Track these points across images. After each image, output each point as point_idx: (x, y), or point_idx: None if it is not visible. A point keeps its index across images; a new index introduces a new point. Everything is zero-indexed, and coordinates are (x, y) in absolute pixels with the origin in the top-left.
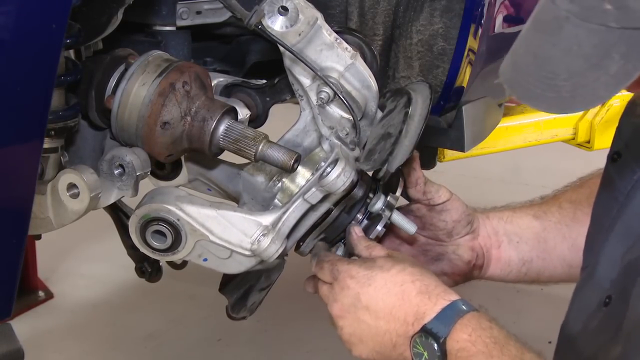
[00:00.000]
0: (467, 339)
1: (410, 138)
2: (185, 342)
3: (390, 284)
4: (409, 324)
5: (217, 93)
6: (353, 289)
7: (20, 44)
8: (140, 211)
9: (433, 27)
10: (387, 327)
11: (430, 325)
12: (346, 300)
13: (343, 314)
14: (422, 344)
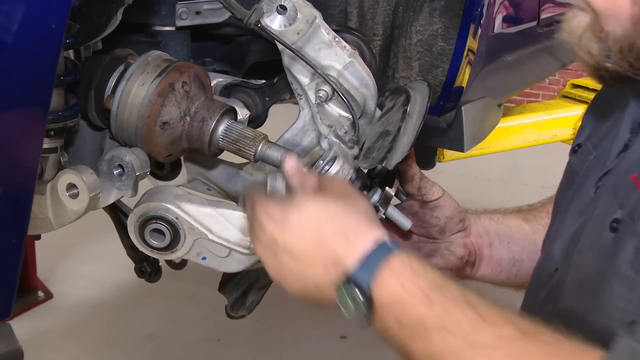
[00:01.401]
0: (398, 287)
1: (408, 136)
2: (185, 342)
3: (304, 223)
4: (330, 271)
5: (217, 93)
6: (269, 229)
7: (19, 44)
8: (139, 210)
9: (432, 27)
10: (309, 272)
11: (354, 274)
12: (265, 240)
13: (265, 254)
14: (347, 293)
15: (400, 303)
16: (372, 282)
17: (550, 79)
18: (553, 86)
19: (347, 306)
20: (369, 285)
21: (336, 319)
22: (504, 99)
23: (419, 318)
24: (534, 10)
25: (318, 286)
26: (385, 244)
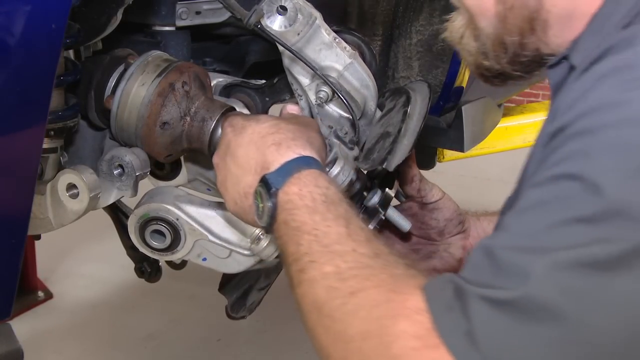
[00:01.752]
0: (297, 192)
1: (409, 137)
2: (185, 342)
3: (255, 134)
4: (257, 174)
5: (217, 93)
6: (227, 137)
7: (20, 44)
8: (139, 211)
9: (432, 27)
10: (242, 176)
11: (269, 176)
12: (221, 148)
13: (218, 162)
14: (259, 194)
15: (291, 205)
16: (280, 186)
17: None
18: None
19: (258, 207)
20: (277, 188)
21: None
22: (504, 99)
23: (300, 222)
24: None
25: (246, 194)
26: (307, 158)
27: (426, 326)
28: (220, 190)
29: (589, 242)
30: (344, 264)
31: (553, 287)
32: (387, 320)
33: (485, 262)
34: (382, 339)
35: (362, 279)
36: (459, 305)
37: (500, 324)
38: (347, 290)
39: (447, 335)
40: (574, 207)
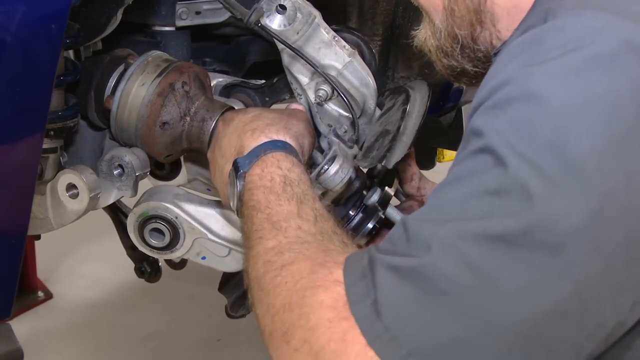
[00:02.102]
0: (258, 173)
1: (408, 135)
2: (185, 342)
3: (240, 123)
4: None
5: (217, 93)
6: (217, 130)
7: (19, 44)
8: (139, 209)
9: None
10: (224, 165)
11: (239, 159)
12: (212, 142)
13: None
14: (231, 178)
15: (252, 185)
16: (247, 169)
17: None
18: None
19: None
20: (244, 170)
21: None
22: None
23: (256, 201)
24: None
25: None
26: (277, 142)
27: (342, 297)
28: (214, 183)
29: (492, 214)
30: (285, 239)
31: (455, 258)
32: (308, 291)
33: (399, 234)
34: (302, 310)
35: (296, 253)
36: (370, 275)
37: (402, 292)
38: (280, 263)
39: (355, 305)
40: (483, 180)
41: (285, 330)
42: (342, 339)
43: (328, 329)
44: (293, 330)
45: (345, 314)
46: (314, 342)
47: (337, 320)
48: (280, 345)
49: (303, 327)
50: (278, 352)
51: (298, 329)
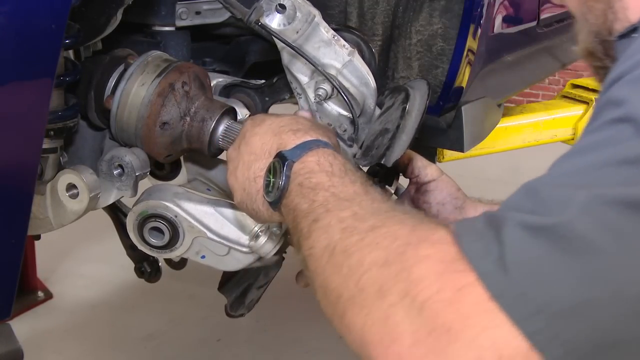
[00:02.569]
0: (314, 161)
1: (407, 133)
2: (185, 342)
3: (274, 124)
4: (271, 155)
5: (217, 93)
6: (245, 127)
7: (19, 44)
8: (138, 208)
9: (432, 28)
10: (253, 162)
11: (285, 151)
12: (237, 139)
13: (231, 152)
14: (272, 170)
15: (308, 170)
16: (297, 159)
17: (550, 79)
18: (553, 86)
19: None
20: (293, 160)
21: None
22: (504, 99)
23: (316, 182)
24: (534, 10)
25: (256, 177)
26: (324, 141)
27: (452, 253)
28: (230, 181)
29: (632, 182)
30: (361, 210)
31: (593, 220)
32: (410, 247)
33: (524, 197)
34: (403, 264)
35: (383, 218)
36: (492, 234)
37: (534, 249)
38: (365, 228)
39: (477, 261)
40: (621, 149)
41: (379, 287)
42: (457, 289)
43: (437, 280)
44: (390, 285)
45: (459, 267)
46: (418, 293)
47: (449, 273)
48: (369, 304)
49: (404, 280)
50: (364, 311)
51: (398, 282)
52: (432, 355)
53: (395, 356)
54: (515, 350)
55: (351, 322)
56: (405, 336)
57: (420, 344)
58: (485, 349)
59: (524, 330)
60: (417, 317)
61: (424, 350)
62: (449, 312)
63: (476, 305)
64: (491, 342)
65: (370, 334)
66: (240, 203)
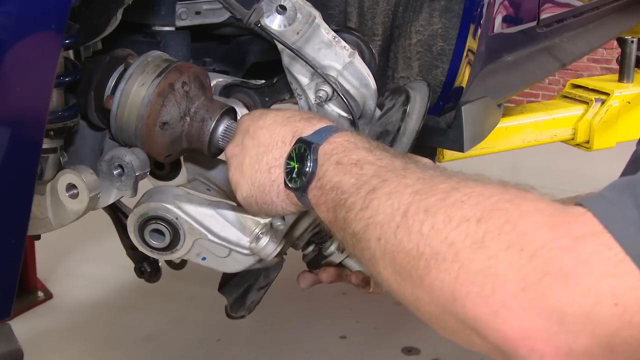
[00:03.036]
0: (345, 140)
1: (408, 135)
2: (185, 342)
3: (279, 117)
4: (286, 144)
5: (217, 93)
6: (244, 124)
7: (19, 44)
8: (139, 210)
9: (432, 28)
10: (264, 154)
11: (307, 137)
12: (238, 137)
13: (232, 149)
14: (295, 156)
15: (342, 148)
16: (323, 140)
17: (550, 79)
18: (553, 86)
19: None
20: (319, 142)
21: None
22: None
23: (357, 158)
24: (534, 10)
25: (270, 163)
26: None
27: (560, 208)
28: (234, 177)
29: None
30: (426, 175)
31: None
32: (510, 203)
33: None
34: (507, 217)
35: (458, 180)
36: (626, 198)
37: None
38: (444, 188)
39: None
40: None
41: (475, 240)
42: (574, 237)
43: (550, 231)
44: (489, 238)
45: (574, 219)
46: (527, 243)
47: (564, 224)
48: (462, 257)
49: (507, 232)
50: (456, 265)
51: (500, 235)
52: (544, 300)
53: (498, 304)
54: (636, 301)
55: (437, 279)
56: (510, 283)
57: (529, 289)
58: (603, 294)
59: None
60: (525, 264)
61: (533, 295)
62: (567, 257)
63: (598, 253)
64: (611, 288)
65: (464, 286)
66: (248, 198)
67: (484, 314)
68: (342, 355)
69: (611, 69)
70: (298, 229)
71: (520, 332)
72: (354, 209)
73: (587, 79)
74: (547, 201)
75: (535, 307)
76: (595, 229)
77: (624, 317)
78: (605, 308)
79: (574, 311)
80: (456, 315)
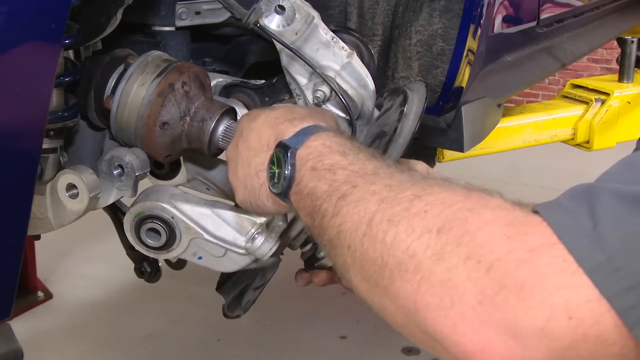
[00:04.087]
0: (320, 144)
1: (404, 137)
2: (185, 342)
3: (269, 118)
4: (270, 148)
5: (216, 93)
6: (241, 124)
7: (19, 44)
8: (135, 209)
9: (432, 28)
10: (253, 157)
11: (285, 140)
12: (235, 138)
13: (230, 151)
14: (275, 160)
15: (317, 153)
16: (299, 145)
17: (550, 79)
18: (553, 86)
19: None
20: (296, 147)
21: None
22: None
23: (331, 163)
24: (534, 10)
25: (258, 172)
26: (324, 126)
27: (519, 217)
28: (231, 180)
29: None
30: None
31: None
32: (471, 212)
33: (621, 168)
34: (466, 228)
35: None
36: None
37: (631, 220)
38: (407, 197)
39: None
40: None
41: (435, 252)
42: (530, 249)
43: (507, 242)
44: (449, 249)
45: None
46: (485, 255)
47: (520, 235)
48: (423, 268)
49: (466, 244)
50: (417, 277)
51: (459, 246)
52: (500, 313)
53: (457, 317)
54: (589, 314)
55: (400, 289)
56: (469, 296)
57: (486, 303)
58: (557, 307)
59: (615, 305)
60: (483, 277)
61: (490, 308)
62: (522, 270)
63: (553, 266)
64: (564, 301)
65: (425, 298)
66: (244, 201)
67: (443, 326)
68: (342, 355)
69: (611, 69)
70: (294, 229)
71: (477, 345)
72: (327, 216)
73: (587, 79)
74: (507, 208)
75: (492, 321)
76: (550, 239)
77: (578, 330)
78: (560, 322)
79: (528, 325)
80: (419, 326)
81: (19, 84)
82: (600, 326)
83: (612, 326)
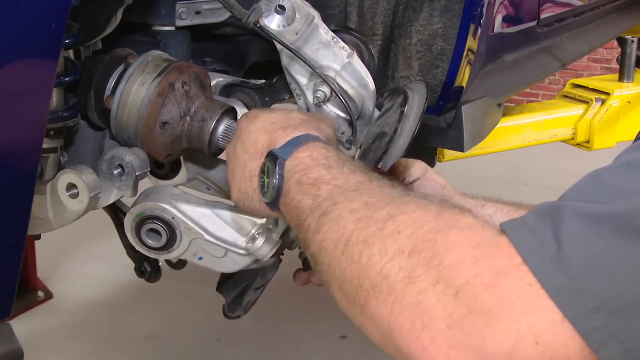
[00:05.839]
0: (307, 156)
1: (404, 137)
2: (185, 342)
3: (267, 121)
4: (263, 155)
5: (217, 93)
6: (240, 125)
7: (19, 44)
8: (135, 209)
9: (432, 27)
10: (248, 161)
11: (275, 150)
12: (234, 139)
13: (229, 151)
14: (266, 168)
15: (303, 166)
16: (287, 156)
17: (550, 79)
18: (553, 86)
19: (263, 184)
20: (284, 158)
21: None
22: (504, 99)
23: (315, 177)
24: (534, 10)
25: (251, 177)
26: (315, 136)
27: (487, 238)
28: (229, 180)
29: None
30: (373, 199)
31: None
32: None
33: (587, 185)
34: (435, 251)
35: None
36: (547, 227)
37: (594, 241)
38: (382, 216)
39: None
40: None
41: (407, 274)
42: (495, 272)
43: (474, 265)
44: (420, 272)
45: (497, 252)
46: (453, 278)
47: (487, 257)
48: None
49: (436, 266)
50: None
51: (429, 269)
52: (468, 338)
53: (427, 340)
54: (555, 338)
55: (375, 310)
56: (438, 320)
57: (455, 327)
58: (523, 332)
59: (579, 328)
60: (451, 301)
61: (458, 333)
62: (489, 295)
63: (518, 290)
64: (530, 326)
65: (398, 320)
66: (237, 202)
67: (416, 349)
68: (342, 355)
69: (611, 69)
70: (293, 230)
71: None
72: (310, 231)
73: (587, 78)
74: (477, 228)
75: (460, 346)
76: (515, 261)
77: (545, 355)
78: (526, 347)
79: (496, 350)
80: (394, 346)
81: (19, 84)
82: (567, 350)
83: (579, 349)
